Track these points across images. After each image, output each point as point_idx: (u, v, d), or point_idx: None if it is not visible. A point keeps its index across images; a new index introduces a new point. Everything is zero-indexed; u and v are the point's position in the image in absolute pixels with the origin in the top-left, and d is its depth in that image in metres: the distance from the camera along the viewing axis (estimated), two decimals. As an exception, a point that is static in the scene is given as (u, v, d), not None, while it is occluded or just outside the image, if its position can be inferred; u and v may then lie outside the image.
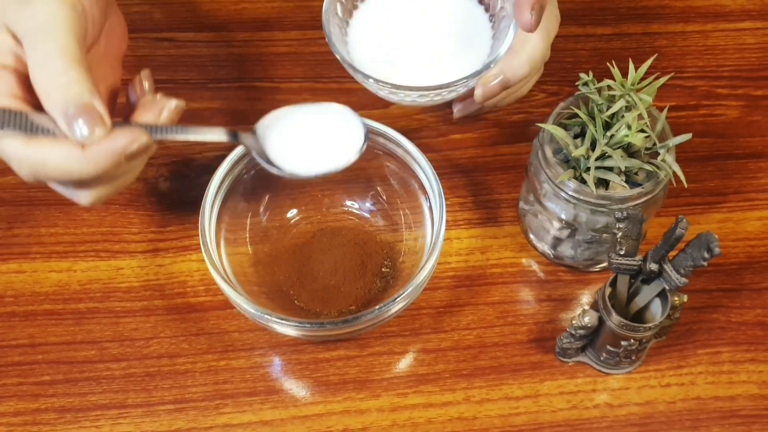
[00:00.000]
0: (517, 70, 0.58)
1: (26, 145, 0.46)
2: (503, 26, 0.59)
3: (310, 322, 0.55)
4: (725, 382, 0.60)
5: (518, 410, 0.59)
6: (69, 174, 0.47)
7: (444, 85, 0.57)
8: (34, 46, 0.47)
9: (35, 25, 0.47)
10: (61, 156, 0.46)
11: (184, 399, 0.59)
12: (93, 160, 0.46)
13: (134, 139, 0.47)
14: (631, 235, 0.52)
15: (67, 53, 0.46)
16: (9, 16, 0.47)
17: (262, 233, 0.64)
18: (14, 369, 0.60)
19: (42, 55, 0.46)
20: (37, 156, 0.46)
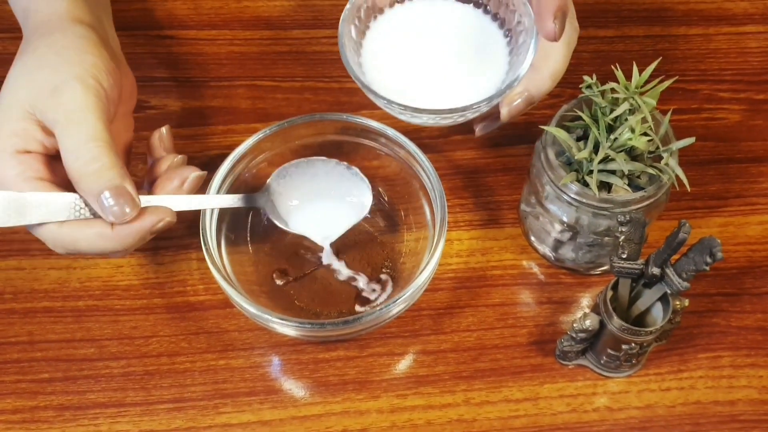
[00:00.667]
0: (541, 87, 0.58)
1: (59, 228, 0.51)
2: (521, 41, 0.59)
3: (310, 323, 0.55)
4: (725, 386, 0.59)
5: (518, 413, 0.59)
6: (100, 251, 0.51)
7: (468, 107, 0.57)
8: (66, 133, 0.50)
9: (65, 113, 0.50)
10: (92, 236, 0.51)
11: (183, 398, 0.59)
12: (122, 239, 0.51)
13: (160, 219, 0.52)
14: (633, 239, 0.52)
15: (98, 138, 0.50)
16: (38, 105, 0.51)
17: (262, 232, 0.63)
18: (13, 366, 0.60)
19: (75, 142, 0.50)
20: (70, 237, 0.51)
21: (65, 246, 0.51)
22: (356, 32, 0.61)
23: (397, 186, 0.63)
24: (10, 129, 0.51)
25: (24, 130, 0.51)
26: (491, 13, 0.62)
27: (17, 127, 0.51)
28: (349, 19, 0.59)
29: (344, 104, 0.71)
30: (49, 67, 0.52)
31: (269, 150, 0.62)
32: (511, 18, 0.60)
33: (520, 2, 0.59)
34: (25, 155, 0.51)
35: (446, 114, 0.57)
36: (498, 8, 0.61)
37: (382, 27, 0.62)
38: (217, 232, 0.59)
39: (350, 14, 0.59)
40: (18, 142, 0.51)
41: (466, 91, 0.60)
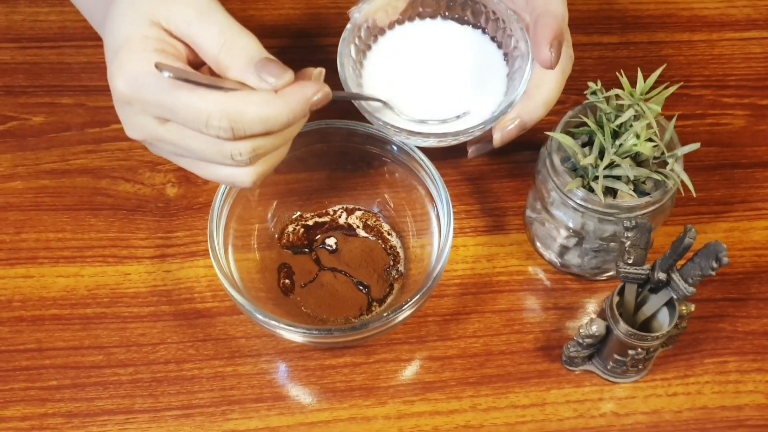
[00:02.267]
0: (534, 113, 0.59)
1: (226, 96, 0.48)
2: (517, 66, 0.59)
3: (317, 329, 0.55)
4: (732, 391, 0.60)
5: (525, 418, 0.59)
6: (266, 120, 0.49)
7: (462, 132, 0.58)
8: (206, 23, 0.50)
9: (197, 11, 0.50)
10: (260, 101, 0.49)
11: (191, 405, 0.59)
12: (288, 104, 0.49)
13: (320, 87, 0.50)
14: (639, 244, 0.53)
15: (234, 22, 0.50)
16: (163, 14, 0.50)
17: (269, 239, 0.64)
18: (22, 373, 0.60)
19: (217, 29, 0.49)
20: (238, 105, 0.48)
21: (231, 117, 0.48)
22: (356, 51, 0.61)
23: (403, 193, 0.64)
24: (142, 34, 0.50)
25: (156, 35, 0.50)
26: (490, 37, 0.62)
27: (149, 32, 0.50)
28: (350, 39, 0.60)
29: (350, 112, 0.71)
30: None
31: (276, 158, 0.63)
32: (508, 42, 0.61)
33: (517, 27, 0.59)
34: (165, 53, 0.50)
35: (440, 137, 0.58)
36: (495, 32, 0.62)
37: (384, 48, 0.63)
38: (225, 238, 0.59)
39: (350, 34, 0.60)
40: (155, 43, 0.50)
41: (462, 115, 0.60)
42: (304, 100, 0.50)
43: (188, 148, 0.51)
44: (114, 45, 0.51)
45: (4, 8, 0.75)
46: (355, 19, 0.61)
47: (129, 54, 0.50)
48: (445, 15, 0.63)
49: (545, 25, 0.56)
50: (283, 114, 0.49)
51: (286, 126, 0.50)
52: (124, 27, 0.51)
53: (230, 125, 0.49)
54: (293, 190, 0.65)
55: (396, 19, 0.63)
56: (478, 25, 0.62)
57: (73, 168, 0.68)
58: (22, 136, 0.69)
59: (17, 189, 0.67)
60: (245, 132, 0.49)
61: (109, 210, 0.66)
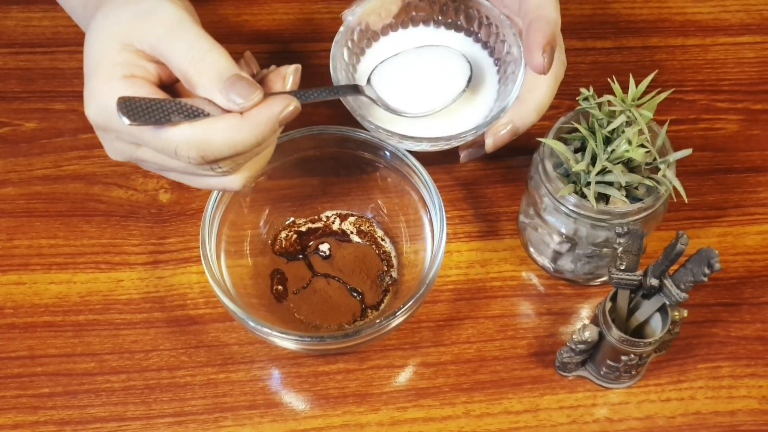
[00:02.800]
0: (526, 119, 0.59)
1: (192, 127, 0.48)
2: (510, 71, 0.60)
3: (310, 336, 0.55)
4: (725, 396, 0.60)
5: (518, 424, 0.59)
6: (234, 145, 0.49)
7: (454, 136, 0.58)
8: (174, 42, 0.49)
9: (168, 26, 0.50)
10: (225, 128, 0.48)
11: (184, 412, 0.59)
12: (254, 127, 0.49)
13: (287, 104, 0.50)
14: (631, 250, 0.52)
15: (205, 36, 0.50)
16: (134, 34, 0.50)
17: (261, 246, 0.64)
18: (13, 381, 0.60)
19: (186, 45, 0.49)
20: (204, 135, 0.48)
21: (199, 147, 0.49)
22: (349, 55, 0.61)
23: (396, 198, 0.64)
24: (112, 60, 0.50)
25: (125, 59, 0.50)
26: (482, 42, 0.63)
27: (118, 57, 0.50)
28: (342, 42, 0.60)
29: (343, 117, 0.71)
30: (133, 1, 0.51)
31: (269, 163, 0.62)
32: (501, 47, 0.61)
33: (510, 33, 0.59)
34: (133, 79, 0.50)
35: (432, 142, 0.58)
36: (488, 37, 0.62)
37: (377, 53, 0.63)
38: (217, 244, 0.59)
39: (343, 36, 0.60)
40: (123, 69, 0.50)
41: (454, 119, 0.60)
42: (272, 120, 0.49)
43: (168, 168, 0.51)
44: (87, 70, 0.51)
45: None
46: (348, 21, 0.61)
47: (98, 82, 0.50)
48: (438, 20, 0.63)
49: (538, 30, 0.56)
50: (251, 137, 0.49)
51: (255, 146, 0.50)
52: (96, 51, 0.51)
53: (199, 154, 0.49)
54: (286, 195, 0.65)
55: (389, 24, 0.63)
56: (471, 30, 0.62)
57: (65, 174, 0.68)
58: (14, 141, 0.69)
59: (9, 195, 0.67)
60: (215, 157, 0.49)
61: (102, 216, 0.66)
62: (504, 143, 0.60)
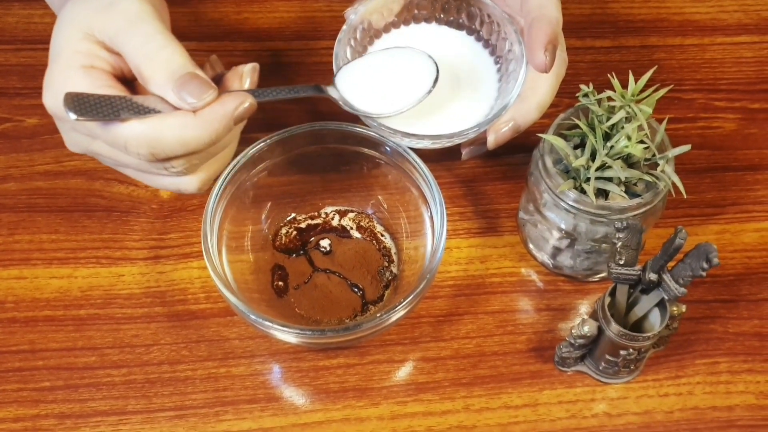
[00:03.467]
0: (528, 116, 0.59)
1: (142, 123, 0.47)
2: (511, 68, 0.60)
3: (311, 330, 0.55)
4: (723, 392, 0.60)
5: (517, 419, 0.59)
6: (186, 143, 0.48)
7: (456, 133, 0.58)
8: (131, 35, 0.49)
9: (127, 19, 0.49)
10: (176, 125, 0.48)
11: (185, 406, 0.59)
12: (207, 125, 0.48)
13: (241, 101, 0.49)
14: (630, 245, 0.53)
15: (163, 32, 0.49)
16: (96, 24, 0.50)
17: (262, 241, 0.64)
18: (14, 375, 0.60)
19: (141, 38, 0.49)
20: (154, 132, 0.48)
21: (149, 143, 0.48)
22: (352, 53, 0.62)
23: (397, 194, 0.64)
24: (72, 48, 0.50)
25: (86, 49, 0.50)
26: (483, 40, 0.63)
27: (79, 46, 0.50)
28: (345, 40, 0.60)
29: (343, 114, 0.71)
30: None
31: (270, 159, 0.63)
32: (503, 45, 0.61)
33: (511, 30, 0.60)
34: (91, 69, 0.49)
35: (434, 139, 0.58)
36: (490, 35, 0.62)
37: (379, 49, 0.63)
38: (218, 240, 0.60)
39: (346, 35, 0.61)
40: (82, 58, 0.49)
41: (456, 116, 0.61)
42: (226, 118, 0.49)
43: (123, 163, 0.51)
44: (50, 58, 0.51)
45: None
46: (350, 20, 0.61)
47: (57, 70, 0.50)
48: (439, 18, 0.63)
49: (540, 29, 0.56)
50: (202, 136, 0.48)
51: (210, 145, 0.49)
52: (59, 39, 0.51)
53: (149, 151, 0.48)
54: (287, 192, 0.65)
55: (391, 22, 0.63)
56: (473, 28, 0.63)
57: (66, 170, 0.68)
58: (16, 137, 0.69)
59: (11, 190, 0.67)
60: (167, 154, 0.48)
61: (103, 211, 0.66)
62: (505, 140, 0.60)
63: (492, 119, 0.58)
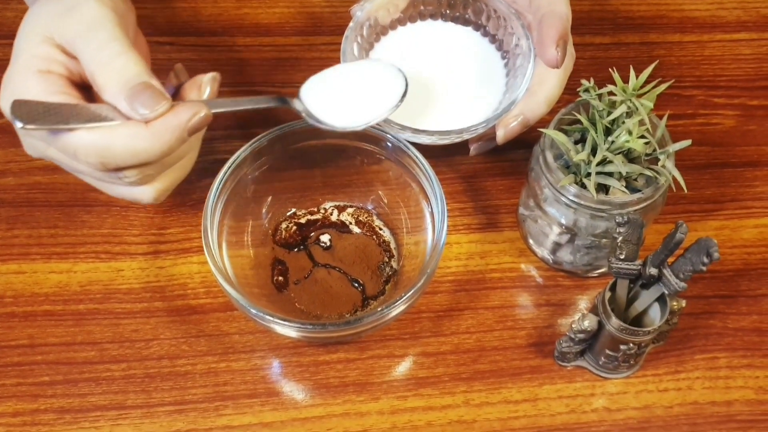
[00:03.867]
0: (536, 110, 0.59)
1: (91, 133, 0.47)
2: (518, 63, 0.60)
3: (312, 324, 0.55)
4: (722, 387, 0.60)
5: (517, 414, 0.59)
6: (137, 154, 0.47)
7: (465, 129, 0.58)
8: (87, 41, 0.48)
9: (84, 25, 0.49)
10: (127, 135, 0.47)
11: (184, 400, 0.59)
12: (158, 136, 0.47)
13: (195, 112, 0.48)
14: (631, 240, 0.53)
15: (120, 39, 0.48)
16: (54, 28, 0.50)
17: (263, 236, 0.64)
18: (13, 369, 0.60)
19: (96, 45, 0.48)
20: (104, 141, 0.47)
21: (98, 153, 0.47)
22: (359, 50, 0.62)
23: (397, 190, 0.64)
24: (31, 52, 0.50)
25: (45, 53, 0.49)
26: (490, 35, 0.63)
27: (37, 50, 0.49)
28: (352, 37, 0.60)
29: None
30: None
31: (269, 154, 0.63)
32: (510, 40, 0.61)
33: (518, 26, 0.60)
34: (48, 74, 0.49)
35: (444, 135, 0.58)
36: (497, 30, 0.62)
37: (386, 47, 0.63)
38: (219, 235, 0.59)
39: (353, 32, 0.61)
40: (40, 62, 0.49)
41: (464, 112, 0.61)
42: (179, 129, 0.48)
43: (76, 170, 0.50)
44: (11, 59, 0.51)
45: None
46: (357, 17, 0.61)
47: (14, 73, 0.50)
48: (445, 14, 0.63)
49: (551, 26, 0.57)
50: (154, 147, 0.48)
51: (162, 156, 0.48)
52: (20, 41, 0.51)
53: (99, 160, 0.48)
54: (287, 187, 0.65)
55: (397, 19, 0.63)
56: (479, 23, 0.63)
57: (66, 164, 0.68)
58: (14, 132, 0.69)
59: (9, 185, 0.67)
60: (117, 165, 0.48)
61: (102, 206, 0.66)
62: (515, 135, 0.60)
63: (500, 114, 0.58)
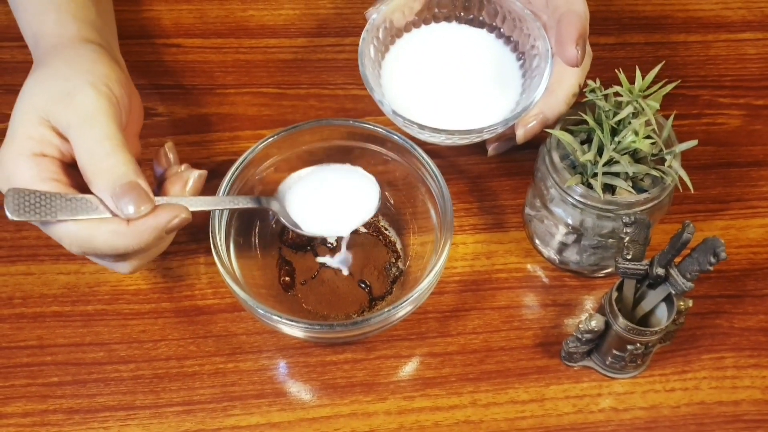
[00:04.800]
0: (556, 109, 0.59)
1: (76, 226, 0.50)
2: (535, 64, 0.60)
3: (319, 324, 0.55)
4: (729, 387, 0.60)
5: (524, 414, 0.59)
6: (115, 248, 0.51)
7: (485, 128, 0.58)
8: (81, 134, 0.51)
9: (80, 115, 0.51)
10: (107, 232, 0.50)
11: (192, 401, 0.59)
12: (138, 235, 0.51)
13: (176, 215, 0.52)
14: (638, 240, 0.53)
15: (112, 138, 0.51)
16: (52, 111, 0.52)
17: (270, 237, 0.64)
18: (23, 370, 0.60)
19: (90, 141, 0.51)
20: (86, 234, 0.50)
21: (81, 244, 0.51)
22: (375, 52, 0.62)
23: (403, 190, 0.64)
24: (26, 133, 0.52)
25: (40, 135, 0.52)
26: (505, 37, 0.63)
27: (33, 131, 0.52)
28: (369, 39, 0.61)
29: (349, 111, 0.71)
30: (62, 76, 0.54)
31: (276, 155, 0.63)
32: (525, 42, 0.62)
33: (534, 27, 0.60)
34: (41, 158, 0.51)
35: (464, 135, 0.59)
36: (512, 32, 0.62)
37: (402, 49, 0.63)
38: (226, 236, 0.60)
39: (369, 34, 0.61)
40: (34, 145, 0.51)
41: (481, 112, 0.61)
42: (157, 230, 0.51)
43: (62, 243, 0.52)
44: (7, 134, 0.52)
45: (5, 8, 0.75)
46: (373, 20, 0.61)
47: (8, 153, 0.52)
48: (460, 16, 0.63)
49: (570, 24, 0.57)
50: (132, 244, 0.51)
51: (139, 252, 0.52)
52: (17, 117, 0.53)
53: (81, 250, 0.51)
54: (294, 188, 0.65)
55: (412, 21, 0.63)
56: (494, 25, 0.63)
57: (73, 166, 0.68)
58: (22, 134, 0.69)
59: (18, 187, 0.67)
60: (96, 254, 0.51)
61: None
62: (534, 134, 0.60)
63: (520, 113, 0.58)
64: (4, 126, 0.68)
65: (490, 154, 0.65)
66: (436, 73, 0.63)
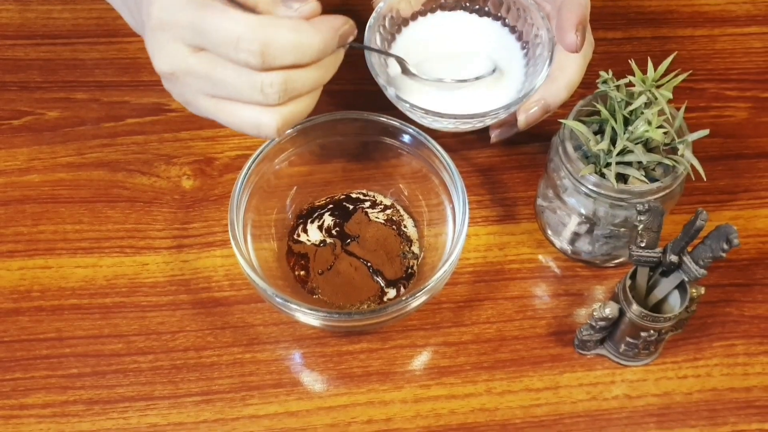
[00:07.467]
0: (557, 96, 0.60)
1: (258, 19, 0.47)
2: (538, 53, 0.61)
3: (337, 312, 0.56)
4: (740, 373, 0.61)
5: (539, 401, 0.60)
6: (298, 47, 0.48)
7: (487, 113, 0.59)
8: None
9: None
10: (291, 26, 0.47)
11: (211, 391, 0.60)
12: (320, 31, 0.48)
13: (346, 20, 0.50)
14: (652, 228, 0.54)
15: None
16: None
17: (286, 229, 0.65)
18: (42, 362, 0.61)
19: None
20: (268, 30, 0.47)
21: (263, 39, 0.47)
22: (381, 40, 0.62)
23: (418, 183, 0.65)
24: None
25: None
26: (509, 26, 0.64)
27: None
28: (375, 28, 0.61)
29: (360, 106, 0.72)
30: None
31: (291, 149, 0.64)
32: (529, 31, 0.62)
33: (538, 16, 0.61)
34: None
35: (466, 119, 0.59)
36: (516, 21, 0.63)
37: (407, 37, 0.64)
38: (244, 227, 0.60)
39: (375, 23, 0.61)
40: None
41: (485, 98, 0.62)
42: (334, 29, 0.49)
43: (216, 80, 0.49)
44: None
45: (18, 6, 0.76)
46: (379, 8, 0.62)
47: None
48: (465, 5, 0.64)
49: (571, 11, 0.58)
50: (314, 41, 0.48)
51: (317, 56, 0.49)
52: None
53: (261, 49, 0.47)
54: (309, 181, 0.66)
55: (418, 10, 0.64)
56: (499, 15, 0.64)
57: (89, 161, 0.69)
58: (38, 130, 0.70)
59: (34, 182, 0.68)
60: (275, 59, 0.47)
61: (126, 202, 0.67)
62: (536, 120, 0.61)
63: (522, 99, 0.59)
64: (19, 123, 0.70)
65: (493, 140, 0.66)
66: (441, 60, 0.63)
